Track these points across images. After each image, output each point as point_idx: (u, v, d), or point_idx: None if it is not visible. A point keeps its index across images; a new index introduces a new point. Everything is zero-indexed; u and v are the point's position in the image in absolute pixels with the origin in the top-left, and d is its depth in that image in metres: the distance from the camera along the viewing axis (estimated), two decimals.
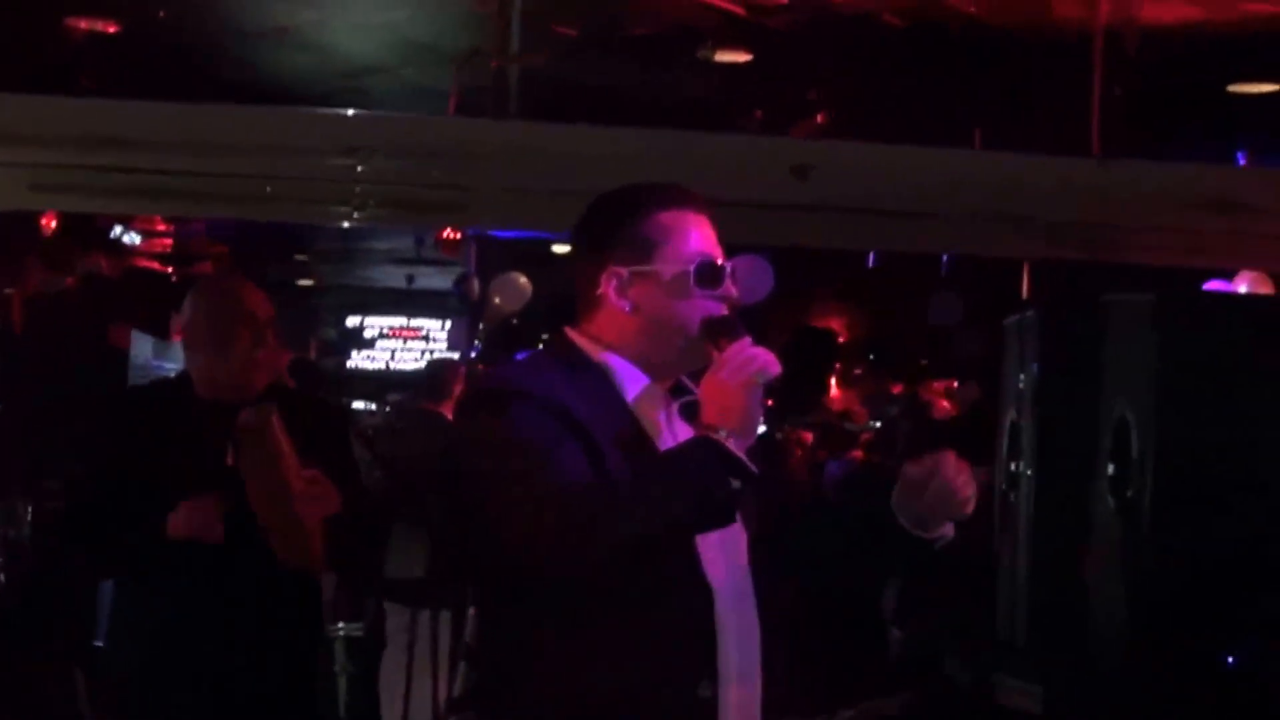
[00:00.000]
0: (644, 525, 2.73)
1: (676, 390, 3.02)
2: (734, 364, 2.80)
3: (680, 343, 2.95)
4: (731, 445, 2.75)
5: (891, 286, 14.02)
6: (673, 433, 2.97)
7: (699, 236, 2.97)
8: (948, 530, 3.01)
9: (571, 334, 3.01)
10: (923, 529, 2.98)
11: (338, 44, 8.95)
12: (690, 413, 2.99)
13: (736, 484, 2.75)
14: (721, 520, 2.81)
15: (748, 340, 2.85)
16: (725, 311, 2.95)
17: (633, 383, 2.96)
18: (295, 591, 4.50)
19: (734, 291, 2.97)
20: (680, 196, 2.99)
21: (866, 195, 6.66)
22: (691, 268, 2.93)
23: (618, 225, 2.96)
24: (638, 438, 2.91)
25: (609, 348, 2.97)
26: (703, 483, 2.74)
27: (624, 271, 2.93)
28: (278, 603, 4.44)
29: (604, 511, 2.72)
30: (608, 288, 2.94)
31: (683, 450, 2.82)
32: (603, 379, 2.94)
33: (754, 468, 2.77)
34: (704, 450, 2.76)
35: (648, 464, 2.84)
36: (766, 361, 2.81)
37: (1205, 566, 5.28)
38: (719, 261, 2.96)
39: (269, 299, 4.65)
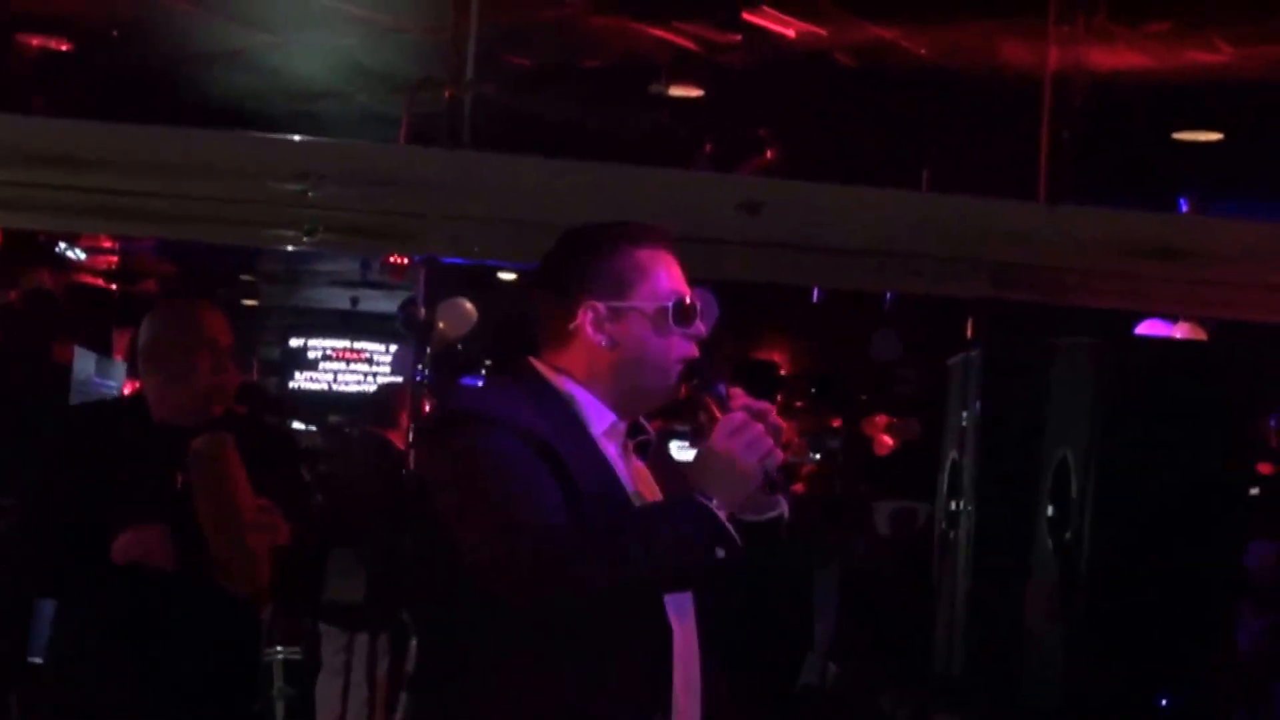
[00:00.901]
0: (623, 577, 2.75)
1: (633, 428, 3.03)
2: (745, 439, 2.81)
3: (657, 379, 2.97)
4: (719, 509, 2.77)
5: (835, 321, 14.07)
6: (630, 471, 2.99)
7: (673, 275, 3.00)
8: (779, 505, 2.97)
9: (536, 364, 3.02)
10: (753, 511, 2.94)
11: (291, 68, 8.95)
12: (645, 451, 3.03)
13: (720, 554, 2.76)
14: (699, 586, 2.85)
15: (770, 412, 2.87)
16: (697, 352, 2.98)
17: (598, 418, 2.97)
18: (235, 615, 4.49)
19: (704, 330, 3.00)
20: (655, 234, 3.02)
21: (815, 233, 6.70)
22: (669, 305, 2.95)
23: (595, 260, 2.97)
24: (608, 474, 2.92)
25: (576, 381, 2.98)
26: (691, 550, 2.76)
27: (601, 307, 2.95)
28: (218, 626, 4.42)
29: (583, 554, 2.73)
30: (584, 322, 2.95)
31: (673, 511, 2.84)
32: (569, 411, 2.95)
33: (739, 541, 2.78)
34: (696, 516, 2.77)
35: (635, 516, 2.86)
36: (772, 449, 2.82)
37: (1141, 608, 5.33)
38: (691, 300, 2.99)
39: (228, 322, 4.64)
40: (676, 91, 8.96)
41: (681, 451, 5.85)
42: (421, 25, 7.95)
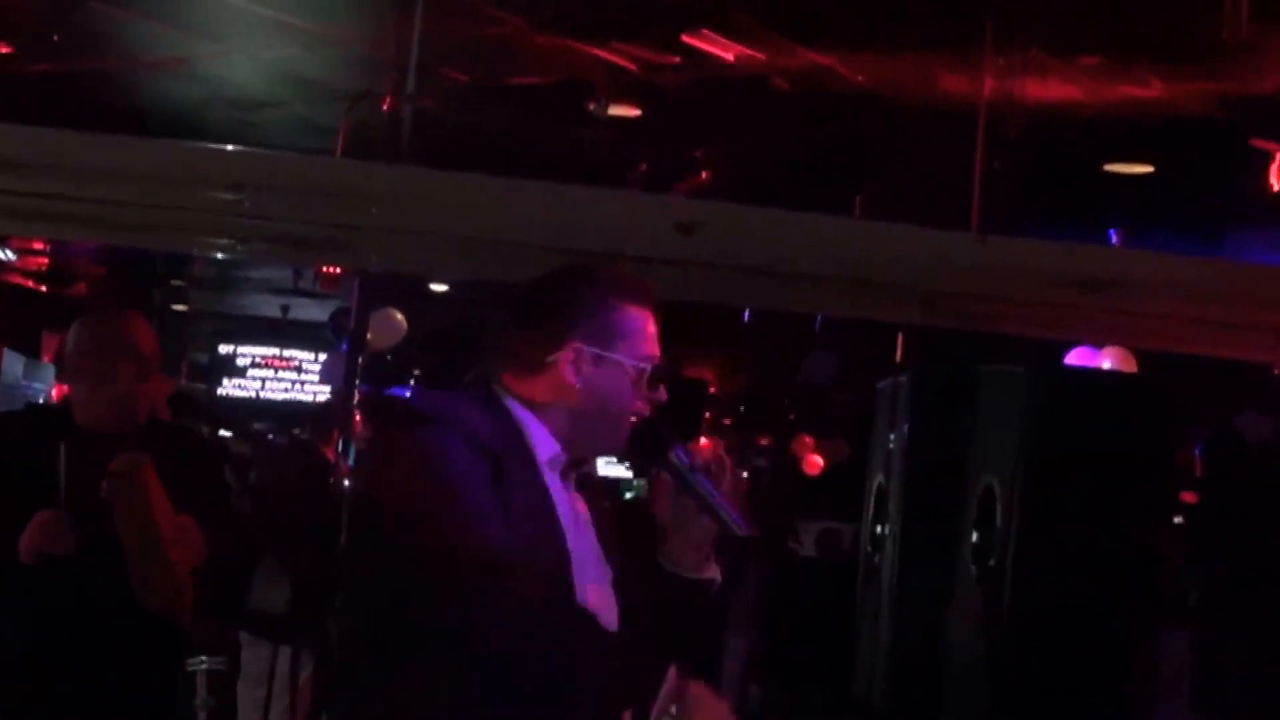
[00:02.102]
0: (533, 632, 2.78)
1: (575, 461, 3.07)
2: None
3: (611, 431, 3.04)
4: None
5: (765, 341, 14.13)
6: (568, 500, 3.02)
7: (653, 339, 3.07)
8: (712, 573, 3.10)
9: (495, 386, 3.05)
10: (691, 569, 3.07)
11: (231, 77, 8.92)
12: (586, 485, 3.08)
13: None
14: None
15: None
16: (650, 412, 3.05)
17: (544, 447, 3.00)
18: (157, 627, 4.46)
19: (663, 396, 3.08)
20: (646, 295, 3.09)
21: (748, 255, 6.76)
22: (648, 368, 3.03)
23: (591, 305, 3.03)
24: (545, 498, 2.96)
25: (530, 409, 3.02)
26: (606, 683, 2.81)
27: (586, 351, 3.00)
28: (139, 637, 4.40)
29: (512, 570, 2.77)
30: (564, 359, 3.00)
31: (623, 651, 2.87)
32: (518, 433, 2.99)
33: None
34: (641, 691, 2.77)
35: (582, 621, 2.86)
36: None
37: (1063, 636, 5.38)
38: (661, 365, 3.07)
39: (153, 330, 4.63)
40: (615, 111, 8.99)
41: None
42: (363, 38, 7.95)
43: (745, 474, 15.16)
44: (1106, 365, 8.20)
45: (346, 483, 8.90)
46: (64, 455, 4.32)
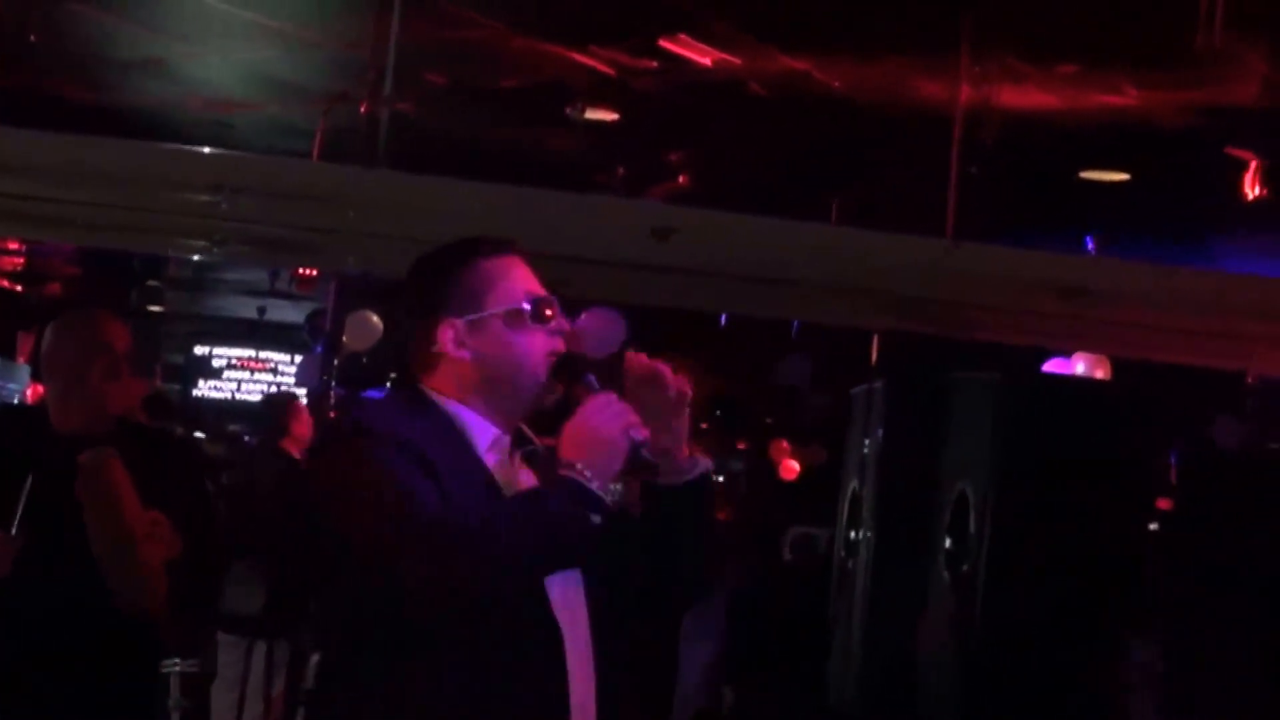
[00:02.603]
0: (505, 559, 2.79)
1: (518, 439, 3.07)
2: (609, 412, 2.89)
3: (525, 380, 3.01)
4: (589, 480, 2.83)
5: (742, 345, 14.14)
6: (515, 480, 3.02)
7: (523, 276, 3.05)
8: (700, 465, 3.10)
9: (420, 388, 3.04)
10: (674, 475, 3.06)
11: (208, 78, 8.91)
12: (534, 461, 3.06)
13: (596, 519, 2.82)
14: (581, 555, 2.90)
15: (613, 396, 2.93)
16: (563, 346, 3.04)
17: (481, 433, 3.00)
18: (131, 629, 4.46)
19: (566, 324, 3.05)
20: (502, 245, 3.07)
21: (724, 260, 6.77)
22: (524, 305, 3.00)
23: (446, 280, 3.01)
24: (486, 483, 2.96)
25: (453, 399, 3.01)
26: (564, 521, 2.82)
27: (459, 322, 2.98)
28: (114, 640, 4.39)
29: (461, 543, 2.77)
30: (445, 341, 2.99)
31: (542, 491, 2.89)
32: (452, 427, 2.99)
33: (610, 504, 2.84)
34: (566, 490, 2.82)
35: (509, 501, 2.90)
36: (636, 422, 2.90)
37: (1035, 642, 5.40)
38: (545, 296, 3.04)
39: (128, 330, 4.62)
40: (592, 115, 9.00)
41: None
42: (341, 40, 7.94)
43: (721, 478, 15.17)
44: (1080, 371, 8.24)
45: None
46: (29, 485, 4.31)
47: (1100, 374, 8.65)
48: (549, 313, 3.03)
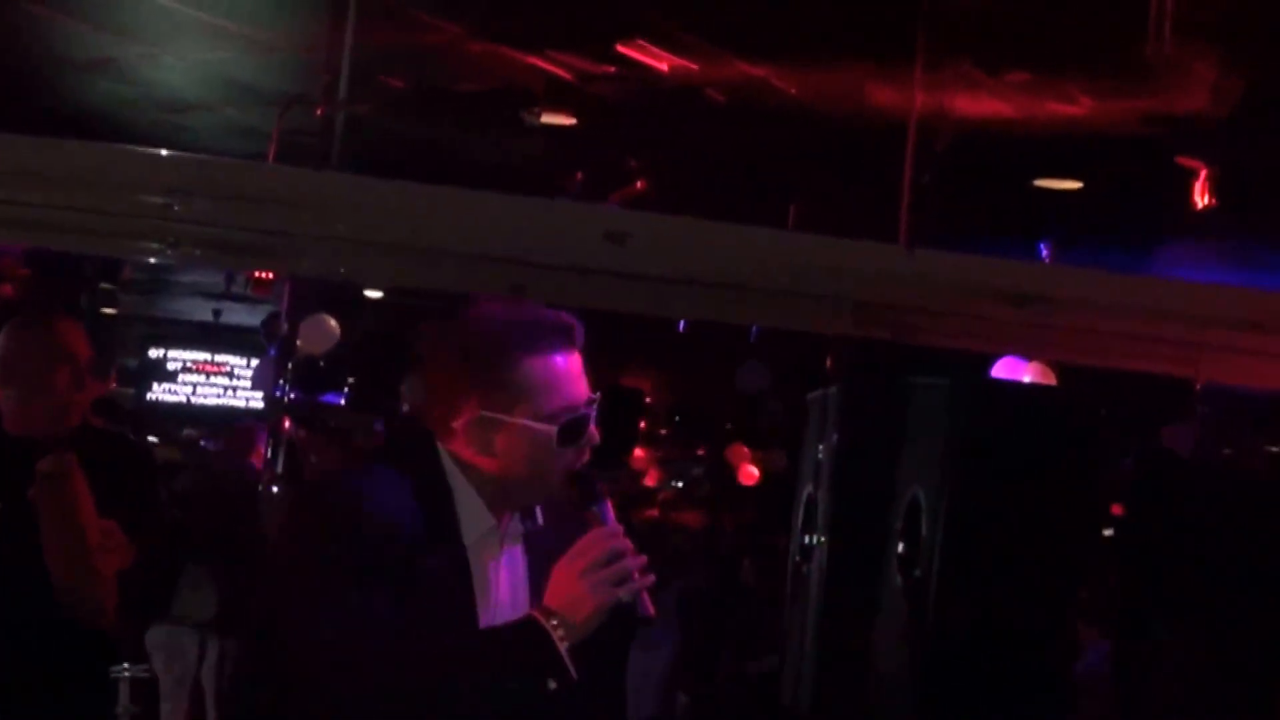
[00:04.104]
0: (440, 693, 2.68)
1: (525, 514, 2.95)
2: (603, 575, 2.75)
3: (537, 491, 2.89)
4: (562, 640, 2.70)
5: (700, 351, 14.16)
6: (498, 576, 2.90)
7: (569, 387, 2.85)
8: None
9: (439, 447, 2.88)
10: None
11: (163, 79, 8.89)
12: (532, 541, 2.94)
13: (552, 685, 2.70)
14: (526, 714, 2.74)
15: (617, 533, 2.80)
16: (586, 458, 2.89)
17: (474, 521, 2.86)
18: (82, 636, 4.43)
19: (597, 437, 2.88)
20: (555, 337, 2.86)
21: (680, 265, 6.77)
22: (555, 430, 2.82)
23: (485, 366, 2.83)
24: (461, 591, 2.82)
25: (462, 468, 2.86)
26: (518, 678, 2.70)
27: (486, 416, 2.82)
28: (66, 646, 4.37)
29: (402, 659, 2.66)
30: (468, 424, 2.83)
31: (507, 636, 2.75)
32: (447, 511, 2.84)
33: (574, 673, 2.71)
34: (535, 643, 2.70)
35: (471, 635, 2.77)
36: (627, 572, 2.76)
37: (987, 648, 5.42)
38: (584, 412, 2.86)
39: (86, 336, 4.58)
40: (549, 119, 9.01)
41: None
42: (297, 42, 7.93)
43: (680, 484, 15.19)
44: (1027, 379, 8.27)
45: (275, 489, 8.91)
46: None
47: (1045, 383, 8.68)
48: (580, 435, 2.86)
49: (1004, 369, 7.80)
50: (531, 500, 2.92)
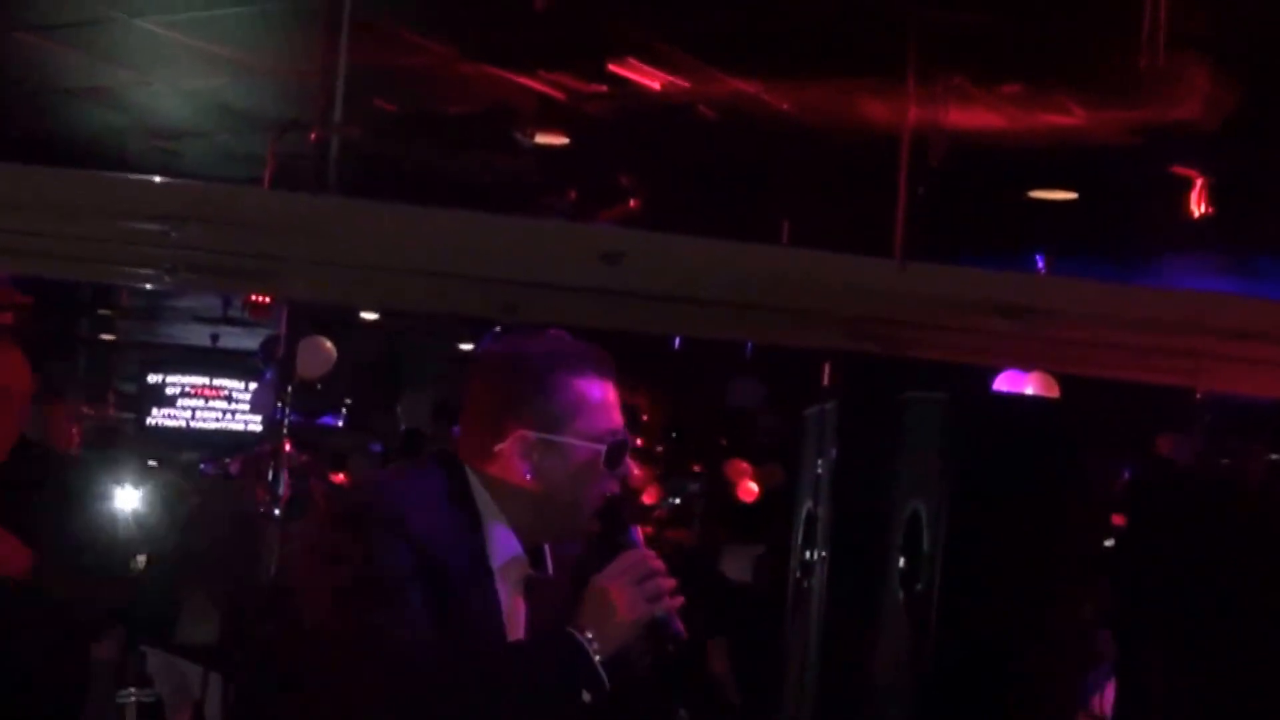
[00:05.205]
0: (479, 712, 2.69)
1: (534, 557, 2.96)
2: (637, 592, 2.78)
3: (570, 518, 2.92)
4: (596, 653, 2.73)
5: (695, 368, 14.17)
6: (516, 608, 2.91)
7: (611, 411, 2.92)
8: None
9: (470, 473, 2.91)
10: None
11: (156, 106, 8.90)
12: (530, 587, 2.95)
13: (586, 697, 2.72)
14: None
15: (650, 555, 2.83)
16: (618, 489, 2.93)
17: (502, 547, 2.88)
18: (58, 658, 4.49)
19: (634, 470, 2.97)
20: (598, 365, 2.94)
21: (674, 284, 6.77)
22: (603, 449, 2.89)
23: (534, 388, 2.88)
24: (491, 611, 2.84)
25: (494, 494, 2.88)
26: (553, 691, 2.72)
27: (532, 437, 2.86)
28: (37, 669, 4.43)
29: (439, 684, 2.67)
30: (512, 446, 2.87)
31: (543, 647, 2.79)
32: (476, 533, 2.86)
33: (608, 683, 2.73)
34: (565, 656, 2.73)
35: (502, 651, 2.80)
36: (666, 595, 2.80)
37: (989, 661, 5.42)
38: (625, 437, 2.93)
39: (30, 371, 4.67)
40: (542, 139, 9.02)
41: None
42: (289, 67, 7.94)
43: (677, 500, 15.17)
44: (1029, 391, 8.27)
45: (277, 511, 8.91)
46: None
47: (1048, 394, 8.69)
48: (621, 459, 2.91)
49: (1006, 381, 7.81)
50: (564, 528, 2.95)
